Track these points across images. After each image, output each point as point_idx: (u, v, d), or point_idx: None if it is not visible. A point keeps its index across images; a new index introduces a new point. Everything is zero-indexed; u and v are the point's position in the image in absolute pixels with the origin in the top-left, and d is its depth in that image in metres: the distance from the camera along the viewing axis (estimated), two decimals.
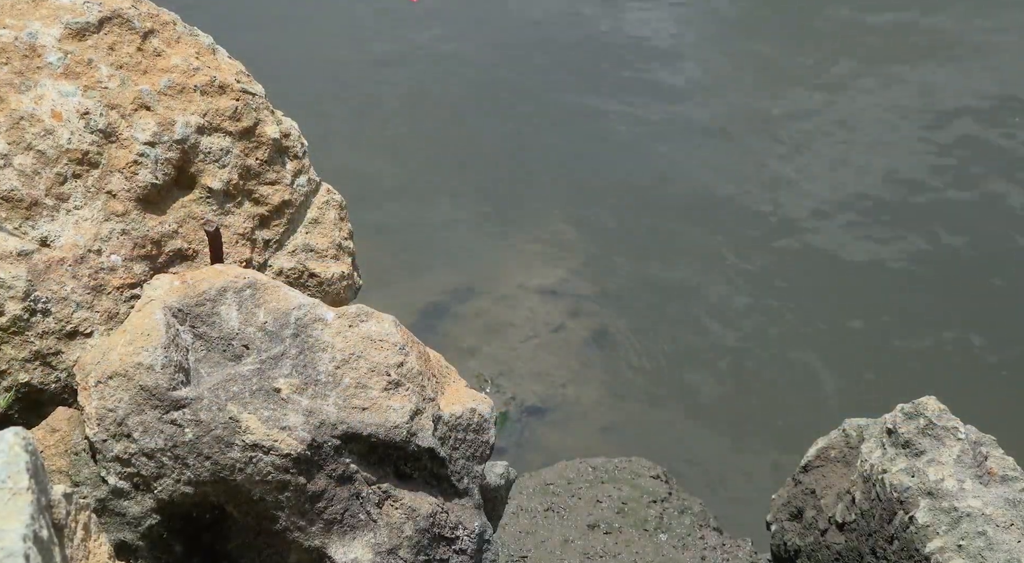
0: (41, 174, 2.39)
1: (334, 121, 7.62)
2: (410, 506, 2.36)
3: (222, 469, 2.16)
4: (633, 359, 5.85)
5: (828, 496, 3.34)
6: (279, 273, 2.75)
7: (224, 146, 2.64)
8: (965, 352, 5.89)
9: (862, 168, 7.35)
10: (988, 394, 5.55)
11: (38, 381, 2.34)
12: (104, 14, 2.57)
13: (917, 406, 3.12)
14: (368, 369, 2.34)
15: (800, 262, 6.50)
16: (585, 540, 4.12)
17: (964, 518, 2.80)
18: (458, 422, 2.50)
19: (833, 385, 5.69)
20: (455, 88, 8.20)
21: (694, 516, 4.34)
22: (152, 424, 2.16)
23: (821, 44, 8.79)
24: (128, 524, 2.21)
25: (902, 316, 6.14)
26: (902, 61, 8.48)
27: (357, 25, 8.91)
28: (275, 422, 2.20)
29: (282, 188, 2.76)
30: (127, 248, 2.47)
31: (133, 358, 2.17)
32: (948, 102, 8.03)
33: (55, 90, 2.45)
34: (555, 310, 6.14)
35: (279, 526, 2.24)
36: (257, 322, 2.34)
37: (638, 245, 6.65)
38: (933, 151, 7.51)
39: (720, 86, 8.34)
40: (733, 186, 7.17)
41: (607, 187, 7.17)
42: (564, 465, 4.59)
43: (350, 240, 2.95)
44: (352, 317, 2.40)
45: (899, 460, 3.03)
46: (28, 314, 2.31)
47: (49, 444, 2.26)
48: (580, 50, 8.78)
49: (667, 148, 7.58)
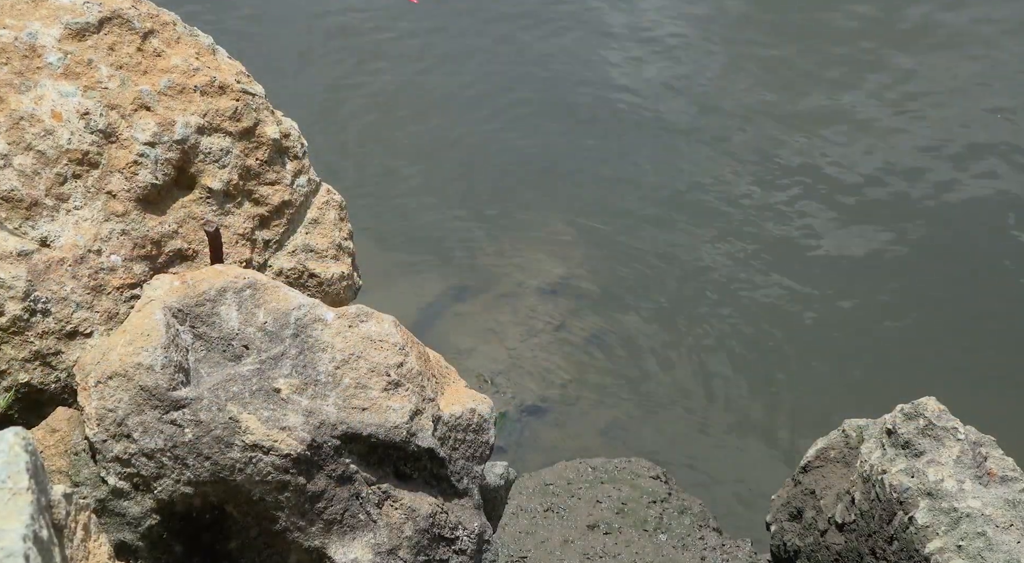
0: (41, 174, 2.39)
1: (332, 120, 7.62)
2: (410, 506, 2.36)
3: (222, 469, 2.17)
4: (632, 359, 5.85)
5: (828, 496, 3.34)
6: (279, 273, 2.75)
7: (224, 146, 2.64)
8: (965, 352, 5.89)
9: (862, 166, 7.35)
10: (988, 395, 5.55)
11: (38, 381, 2.34)
12: (104, 14, 2.57)
13: (917, 407, 3.12)
14: (368, 369, 2.34)
15: (801, 262, 6.50)
16: (585, 540, 4.12)
17: (964, 519, 2.80)
18: (458, 422, 2.50)
19: (833, 385, 5.69)
20: (453, 87, 8.20)
21: (694, 516, 4.34)
22: (152, 424, 2.16)
23: (821, 41, 8.80)
24: (128, 524, 2.21)
25: (902, 316, 6.14)
26: (905, 53, 8.49)
27: (357, 21, 8.91)
28: (275, 422, 2.20)
29: (282, 188, 2.76)
30: (127, 248, 2.47)
31: (133, 358, 2.17)
32: (950, 100, 8.03)
33: (55, 90, 2.45)
34: (555, 310, 6.14)
35: (279, 526, 2.24)
36: (257, 322, 2.34)
37: (638, 244, 6.66)
38: (935, 149, 7.50)
39: (720, 85, 8.33)
40: (733, 185, 7.17)
41: (607, 186, 7.17)
42: (564, 465, 4.59)
43: (350, 240, 2.95)
44: (352, 317, 2.41)
45: (899, 461, 3.03)
46: (28, 314, 2.31)
47: (49, 444, 2.26)
48: (580, 48, 8.78)
49: (668, 146, 7.58)
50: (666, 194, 7.12)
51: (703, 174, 7.31)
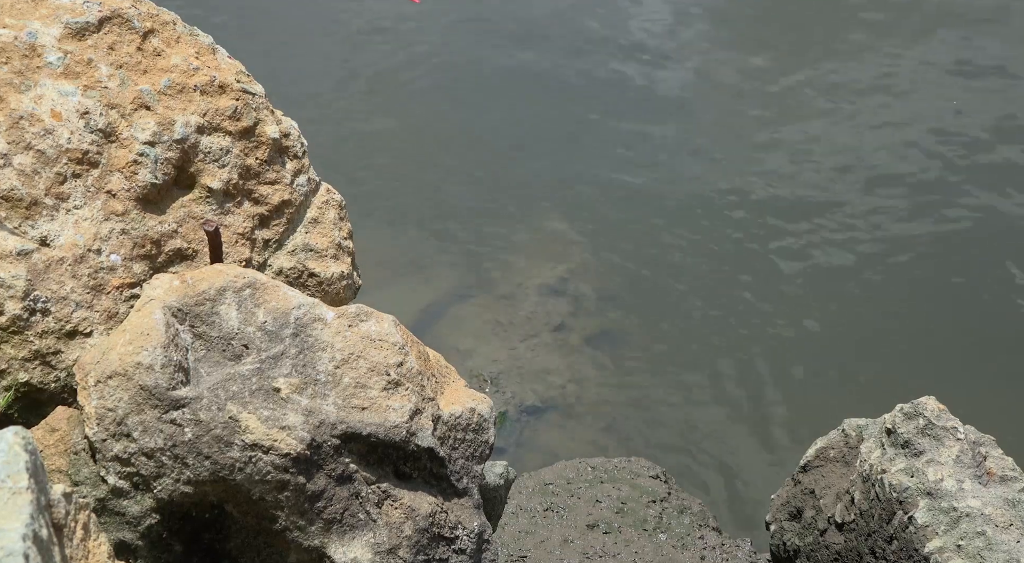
0: (41, 173, 2.39)
1: (331, 120, 7.61)
2: (409, 506, 2.36)
3: (221, 469, 2.17)
4: (632, 359, 5.85)
5: (827, 496, 3.34)
6: (279, 273, 2.75)
7: (224, 146, 2.64)
8: (965, 352, 5.89)
9: (860, 167, 7.35)
10: (988, 394, 5.55)
11: (38, 380, 2.34)
12: (104, 14, 2.57)
13: (916, 406, 3.12)
14: (368, 369, 2.34)
15: (800, 261, 6.51)
16: (584, 540, 4.12)
17: (963, 518, 2.80)
18: (457, 422, 2.50)
19: (832, 385, 5.69)
20: (453, 86, 8.20)
21: (693, 516, 4.34)
22: (152, 423, 2.16)
23: (818, 30, 8.80)
24: (128, 524, 2.21)
25: (902, 315, 6.14)
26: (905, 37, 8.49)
27: (359, 22, 8.91)
28: (275, 422, 2.20)
29: (282, 188, 2.76)
30: (127, 248, 2.47)
31: (133, 357, 2.17)
32: (956, 95, 8.03)
33: (55, 90, 2.45)
34: (555, 309, 6.14)
35: (279, 526, 2.24)
36: (257, 322, 2.34)
37: (638, 244, 6.66)
38: (937, 147, 7.51)
39: (720, 85, 8.34)
40: (733, 184, 7.17)
41: (607, 185, 7.17)
42: (563, 465, 4.59)
43: (350, 240, 2.95)
44: (352, 317, 2.41)
45: (898, 460, 3.03)
46: (28, 313, 2.31)
47: (49, 443, 2.26)
48: (580, 48, 8.78)
49: (667, 146, 7.59)
50: (667, 193, 7.12)
51: (704, 173, 7.31)
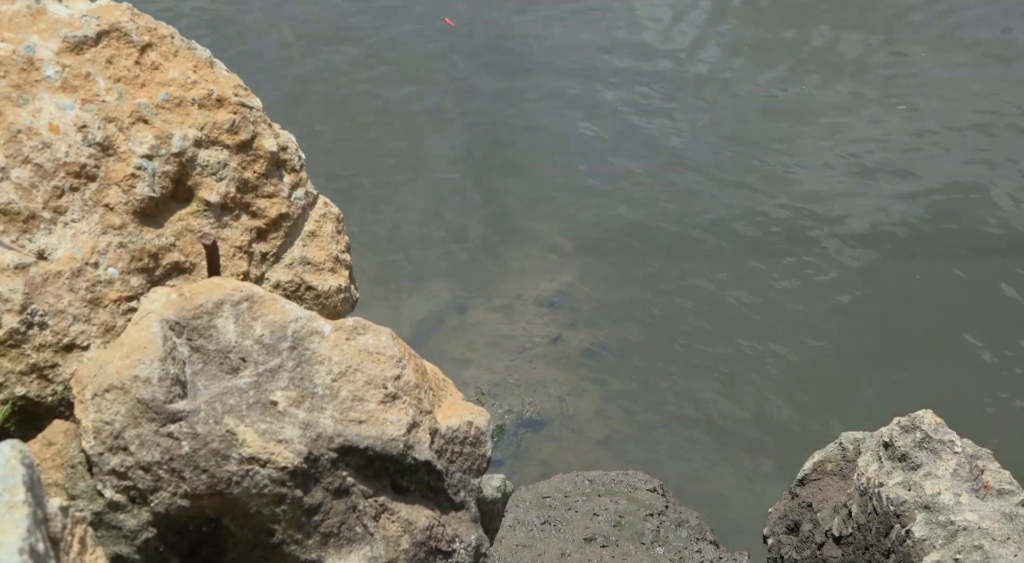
0: (38, 187, 2.39)
1: (326, 133, 7.62)
2: (407, 519, 2.35)
3: (218, 482, 2.16)
4: (630, 372, 5.85)
5: (825, 509, 3.33)
6: (276, 286, 2.75)
7: (221, 159, 2.65)
8: (962, 365, 5.89)
9: (858, 172, 7.37)
10: (985, 408, 5.55)
11: (35, 394, 2.34)
12: (102, 27, 2.58)
13: (914, 419, 3.12)
14: (365, 382, 2.34)
15: (798, 275, 6.51)
16: (582, 553, 4.11)
17: (960, 532, 2.80)
18: (455, 435, 2.50)
19: (830, 398, 5.69)
20: (449, 98, 8.21)
21: (691, 529, 4.33)
22: (148, 437, 2.16)
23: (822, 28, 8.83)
24: (124, 537, 2.21)
25: (899, 328, 6.15)
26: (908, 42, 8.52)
27: (351, 28, 8.92)
28: (272, 435, 2.20)
29: (279, 201, 2.77)
30: (124, 261, 2.47)
31: (130, 371, 2.17)
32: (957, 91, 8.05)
33: (53, 103, 2.46)
34: (552, 322, 6.14)
35: (276, 539, 2.23)
36: (254, 335, 2.34)
37: (636, 257, 6.66)
38: (938, 145, 7.52)
39: (720, 85, 8.35)
40: (730, 198, 7.18)
41: (604, 198, 7.18)
42: (561, 478, 4.58)
43: (347, 253, 2.95)
44: (349, 330, 2.41)
45: (895, 473, 3.03)
46: (25, 327, 2.31)
47: (45, 457, 2.25)
48: (580, 53, 8.80)
49: (664, 157, 7.60)
50: (665, 204, 7.13)
51: (702, 189, 7.33)
